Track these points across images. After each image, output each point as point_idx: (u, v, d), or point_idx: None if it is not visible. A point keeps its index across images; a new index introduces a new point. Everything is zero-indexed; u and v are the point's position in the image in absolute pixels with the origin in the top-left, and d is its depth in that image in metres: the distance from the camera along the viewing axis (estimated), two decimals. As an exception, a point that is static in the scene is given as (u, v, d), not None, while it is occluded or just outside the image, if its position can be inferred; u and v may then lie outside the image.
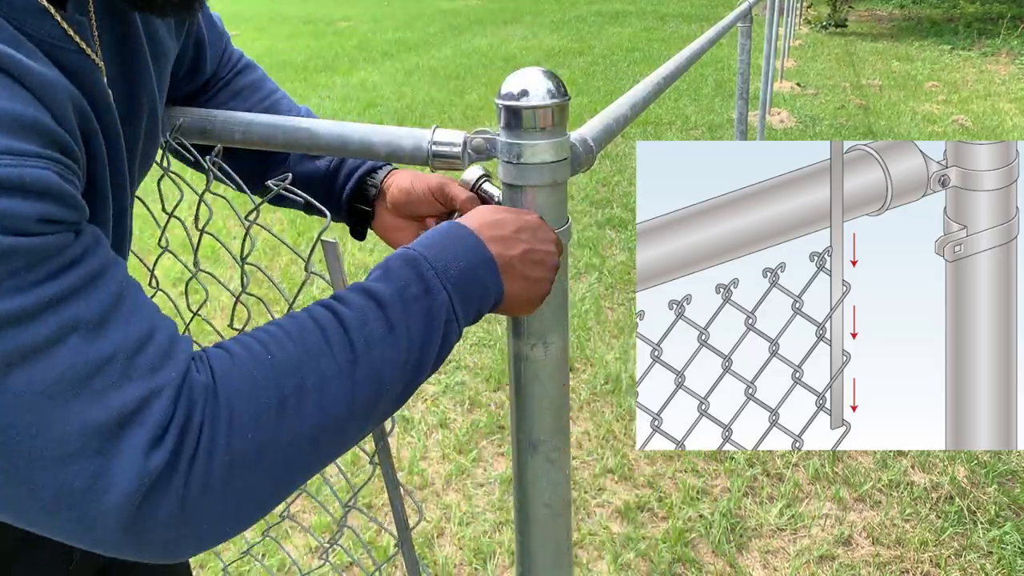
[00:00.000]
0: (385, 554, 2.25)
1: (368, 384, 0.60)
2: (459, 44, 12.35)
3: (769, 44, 5.87)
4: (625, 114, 1.09)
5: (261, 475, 0.54)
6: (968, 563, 2.22)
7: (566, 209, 0.80)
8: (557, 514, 0.88)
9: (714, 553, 2.28)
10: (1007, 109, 7.80)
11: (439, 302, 0.65)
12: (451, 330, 0.66)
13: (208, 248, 4.11)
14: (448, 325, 0.66)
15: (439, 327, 0.65)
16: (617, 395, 3.02)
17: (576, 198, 5.20)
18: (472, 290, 0.67)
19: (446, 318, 0.65)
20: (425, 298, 0.64)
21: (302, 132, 0.89)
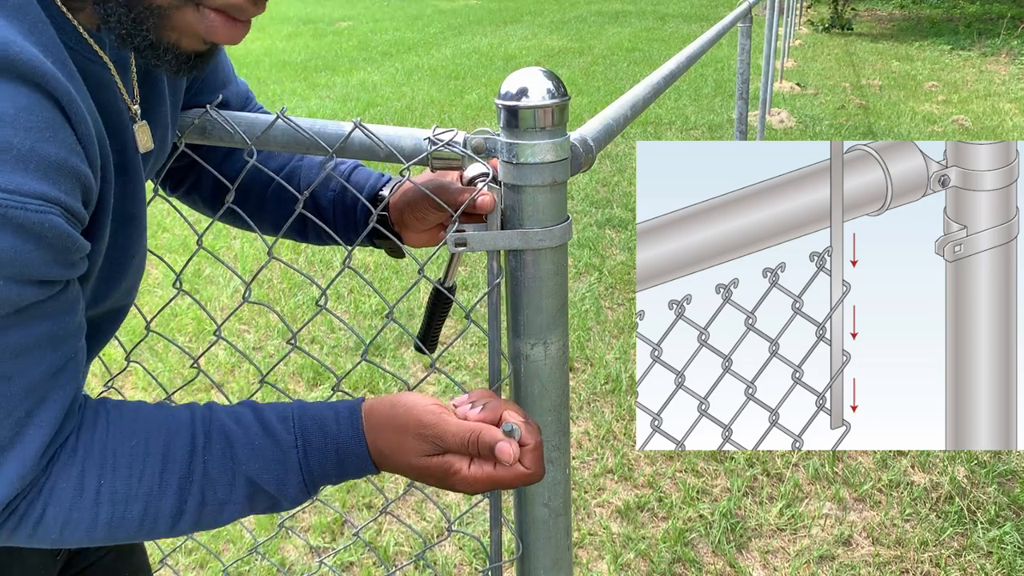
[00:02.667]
0: (386, 554, 2.25)
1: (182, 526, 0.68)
2: (459, 44, 12.35)
3: (769, 44, 5.87)
4: (625, 114, 1.09)
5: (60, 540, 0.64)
6: (968, 563, 2.22)
7: (566, 209, 0.80)
8: (557, 514, 0.88)
9: (714, 553, 2.28)
10: (1007, 109, 7.80)
11: (288, 503, 0.71)
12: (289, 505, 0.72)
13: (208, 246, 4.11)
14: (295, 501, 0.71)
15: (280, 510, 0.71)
16: (617, 395, 3.02)
17: (576, 198, 5.20)
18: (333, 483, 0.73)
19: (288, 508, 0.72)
20: (269, 505, 0.70)
21: (302, 133, 0.89)
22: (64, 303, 0.59)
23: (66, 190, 0.55)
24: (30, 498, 0.61)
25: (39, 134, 0.53)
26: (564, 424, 0.86)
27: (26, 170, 0.52)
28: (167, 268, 3.98)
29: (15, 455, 0.59)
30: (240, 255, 4.32)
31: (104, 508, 0.63)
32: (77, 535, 0.64)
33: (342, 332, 3.46)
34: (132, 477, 0.64)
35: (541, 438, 0.71)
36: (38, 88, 0.55)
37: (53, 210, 0.53)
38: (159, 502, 0.65)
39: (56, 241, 0.54)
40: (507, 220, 0.81)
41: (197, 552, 2.25)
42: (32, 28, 0.57)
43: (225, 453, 0.67)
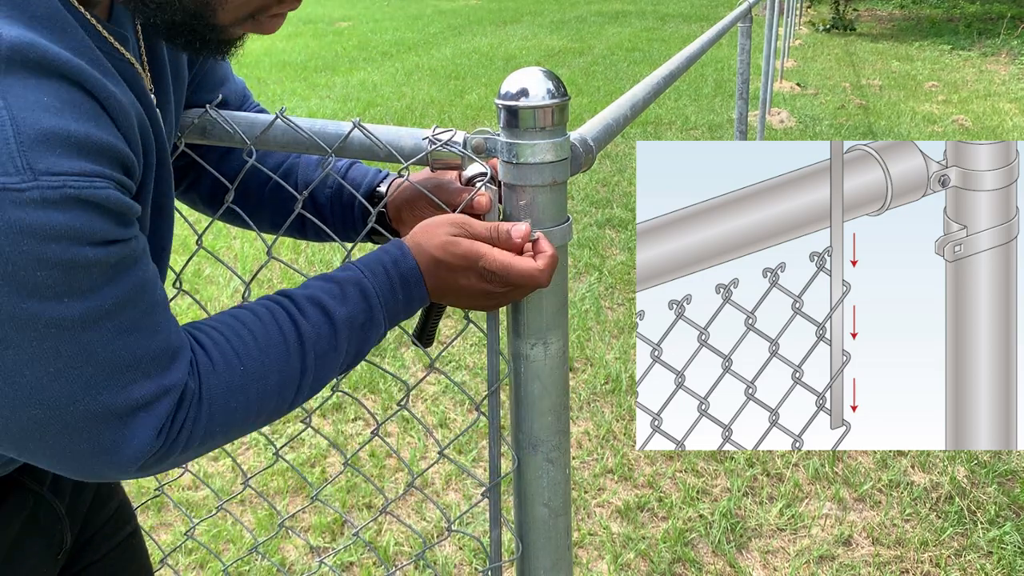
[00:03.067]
0: (386, 554, 2.25)
1: (310, 388, 0.78)
2: (459, 44, 12.35)
3: (769, 44, 5.87)
4: (625, 114, 1.09)
5: (223, 439, 0.73)
6: (968, 563, 2.22)
7: (566, 209, 0.80)
8: (557, 514, 0.88)
9: (714, 553, 2.28)
10: (1007, 109, 7.80)
11: (378, 331, 0.81)
12: (381, 337, 0.83)
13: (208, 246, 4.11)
14: (379, 336, 0.82)
15: (373, 341, 0.81)
16: (617, 395, 3.02)
17: (576, 198, 5.20)
18: (404, 314, 0.82)
19: (378, 334, 0.81)
20: (368, 326, 0.79)
21: (302, 133, 0.89)
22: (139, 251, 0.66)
23: (117, 169, 0.62)
24: (192, 402, 0.69)
25: (88, 123, 0.60)
26: (564, 424, 0.86)
27: (85, 153, 0.59)
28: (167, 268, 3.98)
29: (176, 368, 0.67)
30: (240, 255, 4.33)
31: (252, 387, 0.72)
32: (239, 420, 0.73)
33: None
34: (260, 354, 0.73)
35: (554, 252, 0.79)
36: (75, 84, 0.60)
37: (110, 185, 0.61)
38: (288, 367, 0.74)
39: (117, 208, 0.61)
40: (507, 220, 0.80)
41: (197, 552, 2.25)
42: (63, 34, 0.62)
43: (318, 311, 0.76)
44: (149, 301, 0.66)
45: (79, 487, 0.98)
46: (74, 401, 0.62)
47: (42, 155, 0.56)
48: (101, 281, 0.61)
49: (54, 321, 0.59)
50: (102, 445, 0.64)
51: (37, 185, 0.56)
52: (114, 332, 0.63)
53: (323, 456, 2.66)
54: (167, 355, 0.67)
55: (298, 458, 2.65)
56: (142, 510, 2.38)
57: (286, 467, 2.58)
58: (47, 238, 0.57)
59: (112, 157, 0.61)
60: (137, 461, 0.66)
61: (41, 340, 0.59)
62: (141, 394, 0.65)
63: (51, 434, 0.63)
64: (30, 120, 0.56)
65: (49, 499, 0.92)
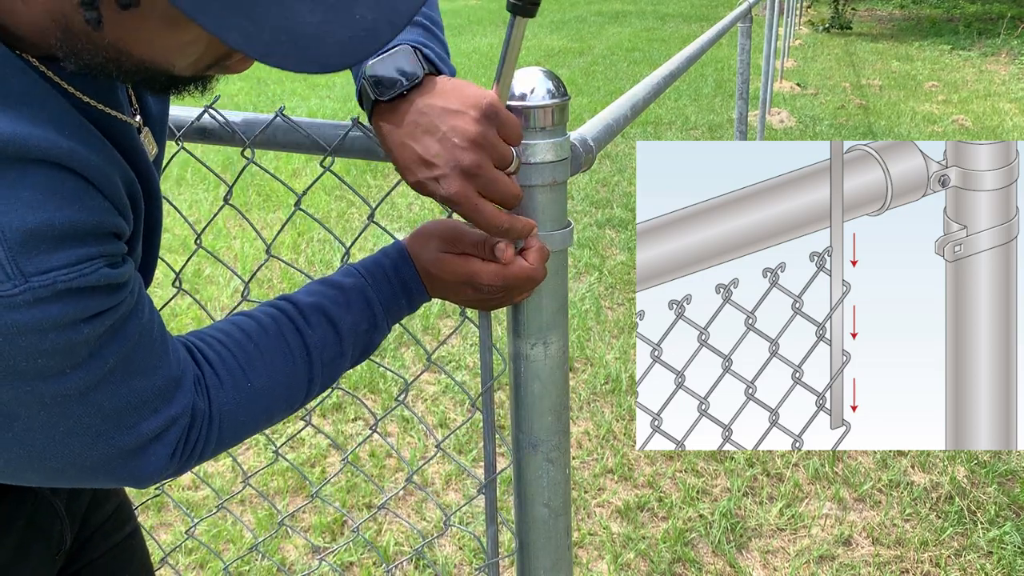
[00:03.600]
0: (386, 553, 2.25)
1: (317, 391, 0.79)
2: (459, 44, 12.35)
3: (769, 44, 5.87)
4: (625, 114, 1.09)
5: (234, 444, 0.76)
6: (968, 563, 2.22)
7: (566, 209, 0.80)
8: (557, 514, 0.88)
9: (714, 553, 2.28)
10: (1007, 109, 7.80)
11: (381, 335, 0.82)
12: (381, 341, 0.84)
13: (208, 246, 4.11)
14: (382, 336, 0.83)
15: (376, 346, 0.83)
16: (617, 395, 3.02)
17: (576, 198, 5.20)
18: (407, 313, 0.85)
19: (381, 336, 0.83)
20: (372, 331, 0.81)
21: (301, 132, 0.89)
22: (133, 303, 0.66)
23: (105, 242, 0.62)
24: (203, 422, 0.71)
25: (70, 207, 0.59)
26: (564, 424, 0.86)
27: (71, 241, 0.59)
28: (167, 268, 3.99)
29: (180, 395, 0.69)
30: (240, 255, 4.32)
31: (260, 401, 0.74)
32: (248, 430, 0.75)
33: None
34: (267, 369, 0.75)
35: (543, 245, 0.79)
36: (55, 166, 0.59)
37: (100, 264, 0.60)
38: (295, 379, 0.76)
39: (108, 283, 0.62)
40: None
41: (198, 552, 2.25)
42: (41, 107, 0.59)
43: (323, 321, 0.78)
44: (148, 341, 0.67)
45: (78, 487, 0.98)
46: (87, 451, 0.65)
47: (29, 256, 0.56)
48: (100, 345, 0.62)
49: (59, 393, 0.61)
50: (119, 475, 0.68)
51: (28, 287, 0.56)
52: (118, 382, 0.64)
53: (323, 456, 2.66)
54: (171, 385, 0.68)
55: (298, 458, 2.65)
56: (142, 510, 2.38)
57: (286, 467, 2.58)
58: (43, 331, 0.58)
59: (100, 234, 0.61)
60: (153, 481, 0.70)
61: (48, 410, 0.61)
62: (150, 428, 0.67)
63: (69, 475, 0.66)
64: (15, 223, 0.56)
65: (48, 498, 0.92)
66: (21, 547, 0.88)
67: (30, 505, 0.89)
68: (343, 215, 4.88)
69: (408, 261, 0.82)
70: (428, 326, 3.51)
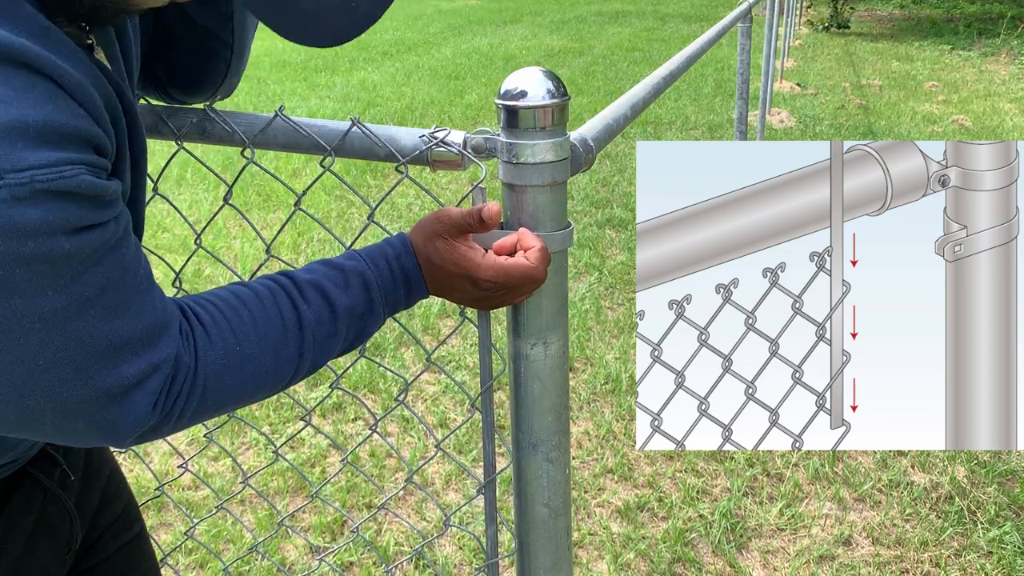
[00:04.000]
0: (386, 553, 2.25)
1: (306, 370, 0.78)
2: (459, 44, 12.35)
3: (769, 44, 5.87)
4: (625, 114, 1.09)
5: (217, 413, 0.75)
6: (968, 563, 2.22)
7: (566, 209, 0.80)
8: (557, 514, 0.88)
9: (714, 553, 2.28)
10: (1007, 109, 7.80)
11: (377, 322, 0.82)
12: (380, 326, 0.83)
13: (208, 246, 4.11)
14: (378, 325, 0.82)
15: (370, 334, 0.82)
16: (617, 395, 3.02)
17: (576, 198, 5.20)
18: (404, 307, 0.84)
19: (377, 324, 0.82)
20: (368, 316, 0.80)
21: (301, 131, 0.89)
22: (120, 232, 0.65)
23: (85, 149, 0.60)
24: (187, 376, 0.70)
25: (44, 107, 0.57)
26: (564, 424, 0.86)
27: (48, 142, 0.57)
28: (167, 268, 3.99)
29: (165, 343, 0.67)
30: (240, 255, 4.32)
31: (248, 366, 0.73)
32: (233, 397, 0.73)
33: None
34: (258, 336, 0.74)
35: (544, 246, 0.81)
36: (26, 67, 0.57)
37: (81, 170, 0.58)
38: (285, 351, 0.75)
39: (91, 193, 0.59)
40: (507, 220, 0.80)
41: (197, 552, 2.25)
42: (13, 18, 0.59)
43: (319, 297, 0.77)
44: (132, 280, 0.65)
45: (86, 486, 0.98)
46: (67, 388, 0.62)
47: (3, 152, 0.55)
48: (82, 269, 0.60)
49: (38, 315, 0.59)
50: (98, 423, 0.65)
51: (4, 183, 0.54)
52: (100, 317, 0.62)
53: (323, 456, 2.66)
54: (155, 330, 0.67)
55: (298, 458, 2.65)
56: (142, 510, 2.38)
57: (286, 467, 2.58)
58: (22, 235, 0.56)
59: (78, 138, 0.59)
60: (132, 433, 0.68)
61: (27, 335, 0.59)
62: (132, 372, 0.65)
63: (48, 418, 0.64)
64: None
65: (58, 495, 0.92)
66: (31, 542, 0.88)
67: (40, 500, 0.90)
68: (343, 215, 4.88)
69: (411, 251, 0.82)
70: (428, 326, 3.51)
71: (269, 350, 0.74)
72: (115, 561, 1.04)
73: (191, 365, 0.70)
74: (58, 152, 0.57)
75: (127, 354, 0.64)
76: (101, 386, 0.64)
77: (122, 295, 0.64)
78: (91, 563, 1.01)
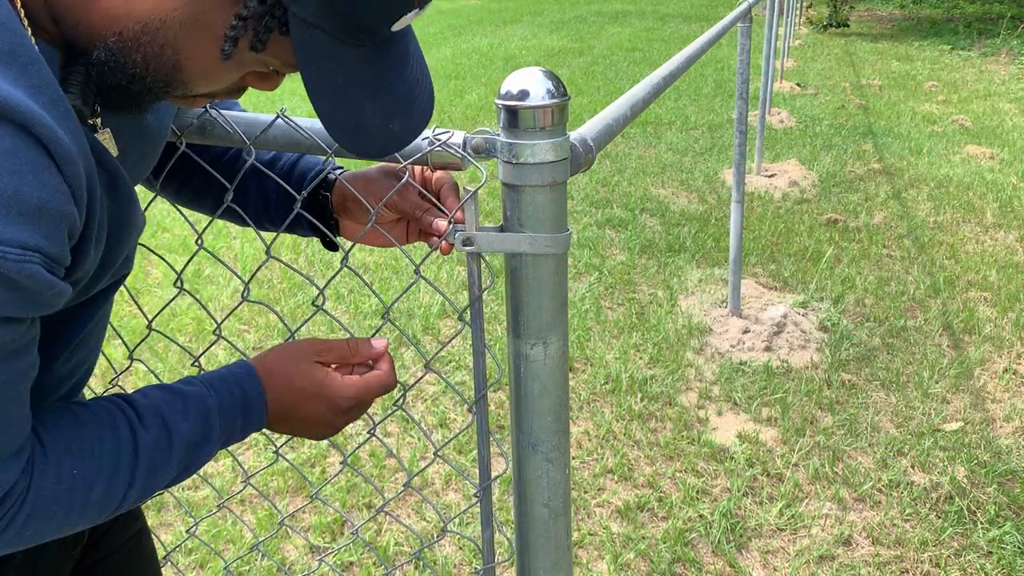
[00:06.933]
0: (386, 554, 2.25)
1: (133, 500, 0.75)
2: (459, 44, 12.35)
3: (769, 44, 5.87)
4: (625, 114, 1.09)
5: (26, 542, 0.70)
6: (968, 563, 2.22)
7: (566, 209, 0.80)
8: (557, 514, 0.88)
9: (714, 553, 2.28)
10: (1007, 109, 7.80)
11: (210, 451, 0.80)
12: (207, 461, 0.81)
13: (208, 247, 4.11)
14: (210, 456, 0.81)
15: (199, 466, 0.80)
16: (617, 395, 3.02)
17: (576, 198, 5.20)
18: (239, 438, 0.82)
19: (210, 455, 0.80)
20: (204, 445, 0.78)
21: (301, 133, 0.89)
22: (28, 340, 0.62)
23: (48, 234, 0.57)
24: (14, 505, 0.66)
25: (21, 177, 0.54)
26: (564, 424, 0.86)
27: (7, 216, 0.53)
28: (167, 268, 3.99)
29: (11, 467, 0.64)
30: (240, 255, 4.32)
31: (77, 496, 0.69)
32: (52, 527, 0.69)
33: (341, 332, 3.46)
34: (95, 462, 0.70)
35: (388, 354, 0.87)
36: (22, 129, 0.55)
37: (33, 258, 0.55)
38: (116, 479, 0.72)
39: (33, 286, 0.56)
40: (507, 220, 0.81)
41: (198, 551, 2.25)
42: (23, 70, 0.57)
43: (158, 425, 0.75)
44: (11, 396, 0.62)
45: None
46: None
47: None
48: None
49: None
50: None
51: None
52: None
53: (323, 456, 2.66)
54: (7, 453, 0.64)
55: (298, 458, 2.65)
56: (143, 509, 2.38)
57: (286, 467, 2.58)
58: None
59: (47, 216, 0.56)
60: None
61: None
62: None
63: None
64: None
65: None
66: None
67: None
68: (343, 215, 4.87)
69: (254, 377, 0.81)
70: (428, 326, 3.51)
71: (101, 478, 0.70)
72: (117, 558, 1.04)
73: (23, 491, 0.66)
74: (18, 230, 0.54)
75: None
76: None
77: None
78: (95, 559, 1.01)
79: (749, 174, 5.59)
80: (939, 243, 4.49)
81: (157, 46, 0.63)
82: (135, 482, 0.73)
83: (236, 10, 0.62)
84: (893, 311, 3.69)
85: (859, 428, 2.82)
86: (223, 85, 0.70)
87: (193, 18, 0.62)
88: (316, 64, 0.64)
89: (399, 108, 0.71)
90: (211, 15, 0.62)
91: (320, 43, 0.63)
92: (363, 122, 0.69)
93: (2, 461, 0.63)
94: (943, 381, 3.11)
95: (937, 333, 3.50)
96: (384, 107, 0.69)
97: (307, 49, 0.63)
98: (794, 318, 3.57)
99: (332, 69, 0.65)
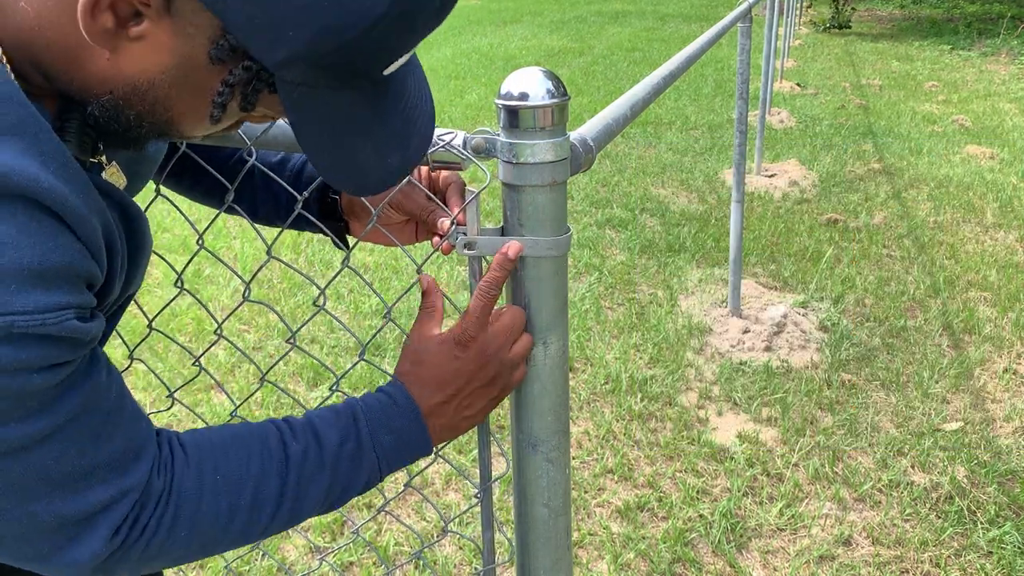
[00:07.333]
0: (386, 554, 2.25)
1: (288, 516, 0.74)
2: (459, 44, 12.34)
3: (769, 44, 5.87)
4: (625, 114, 1.09)
5: (185, 549, 0.70)
6: (968, 563, 2.22)
7: (565, 209, 0.80)
8: (557, 514, 0.88)
9: (714, 553, 2.28)
10: (1007, 109, 7.80)
11: (369, 461, 0.78)
12: (373, 480, 0.79)
13: (209, 247, 4.11)
14: (371, 476, 0.78)
15: (363, 478, 0.78)
16: (617, 395, 3.02)
17: (576, 198, 5.20)
18: (400, 453, 0.80)
19: (369, 472, 0.78)
20: (358, 454, 0.77)
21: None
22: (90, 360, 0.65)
23: (76, 290, 0.60)
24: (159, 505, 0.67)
25: (43, 247, 0.58)
26: (564, 424, 0.86)
27: (40, 286, 0.57)
28: (168, 268, 3.99)
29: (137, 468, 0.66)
30: (240, 255, 4.32)
31: (223, 495, 0.70)
32: (206, 527, 0.69)
33: (342, 332, 3.46)
34: (239, 462, 0.71)
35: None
36: (32, 203, 0.58)
37: (68, 315, 0.59)
38: (265, 485, 0.71)
39: (74, 335, 0.60)
40: (507, 220, 0.81)
41: (197, 552, 2.25)
42: (34, 139, 0.59)
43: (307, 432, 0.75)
44: (105, 406, 0.64)
45: None
46: (27, 516, 0.61)
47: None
48: (48, 400, 0.60)
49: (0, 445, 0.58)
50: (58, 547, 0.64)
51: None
52: (65, 445, 0.61)
53: (323, 456, 2.66)
54: (127, 456, 0.65)
55: (298, 458, 2.65)
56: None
57: (286, 467, 2.58)
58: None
59: (72, 276, 0.60)
60: (92, 562, 0.65)
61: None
62: (98, 499, 0.64)
63: (6, 542, 0.63)
64: None
65: None
66: None
67: None
68: (343, 215, 4.87)
69: (392, 382, 0.81)
70: (428, 326, 3.51)
71: (248, 481, 0.71)
72: None
73: (164, 488, 0.68)
74: (48, 296, 0.58)
75: (93, 481, 0.63)
76: (63, 514, 0.62)
77: (93, 421, 0.63)
78: None
79: (749, 174, 5.60)
80: (939, 243, 4.49)
81: (148, 104, 0.63)
82: (286, 492, 0.72)
83: (223, 76, 0.61)
84: (893, 311, 3.69)
85: (859, 428, 2.82)
86: (219, 130, 0.70)
87: (182, 79, 0.61)
88: (307, 116, 0.63)
89: (397, 143, 0.69)
90: (199, 77, 0.61)
91: (310, 96, 0.62)
92: (359, 164, 0.67)
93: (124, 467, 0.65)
94: (943, 381, 3.11)
95: (937, 333, 3.50)
96: (380, 146, 0.67)
97: (297, 105, 0.62)
98: (794, 318, 3.57)
99: (325, 117, 0.64)
